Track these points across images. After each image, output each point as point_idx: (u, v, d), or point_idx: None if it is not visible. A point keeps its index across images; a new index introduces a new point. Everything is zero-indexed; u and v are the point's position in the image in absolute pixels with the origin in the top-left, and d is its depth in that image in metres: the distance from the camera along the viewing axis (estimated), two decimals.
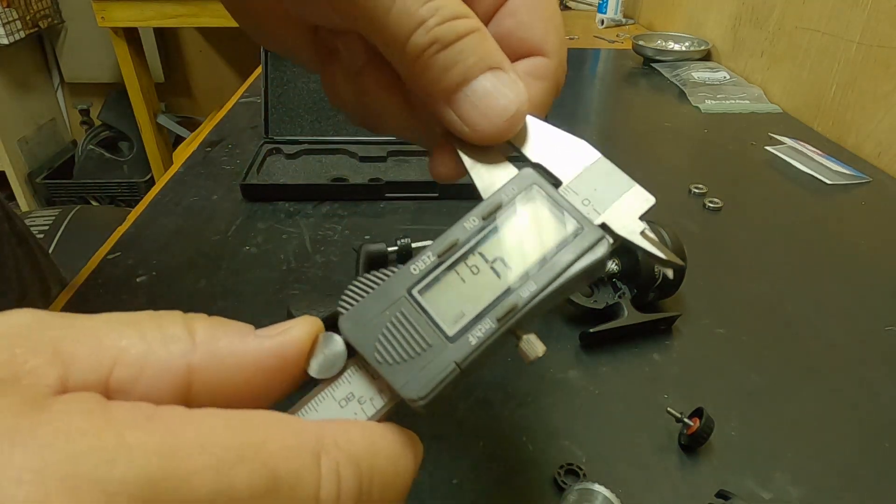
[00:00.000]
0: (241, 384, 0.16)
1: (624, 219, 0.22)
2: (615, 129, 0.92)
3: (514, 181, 0.21)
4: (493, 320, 0.19)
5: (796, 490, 0.35)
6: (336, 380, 0.19)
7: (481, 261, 0.20)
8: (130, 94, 2.04)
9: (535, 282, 0.19)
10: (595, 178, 0.22)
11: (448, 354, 0.18)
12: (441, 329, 0.19)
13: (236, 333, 0.17)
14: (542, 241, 0.20)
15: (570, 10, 1.78)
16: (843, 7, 0.85)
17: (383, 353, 0.18)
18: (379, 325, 0.19)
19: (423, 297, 0.19)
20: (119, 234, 0.60)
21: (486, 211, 0.20)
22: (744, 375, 0.44)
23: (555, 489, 0.35)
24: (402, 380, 0.18)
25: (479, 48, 0.21)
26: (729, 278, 0.54)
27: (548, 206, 0.20)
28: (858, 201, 0.69)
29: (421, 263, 0.19)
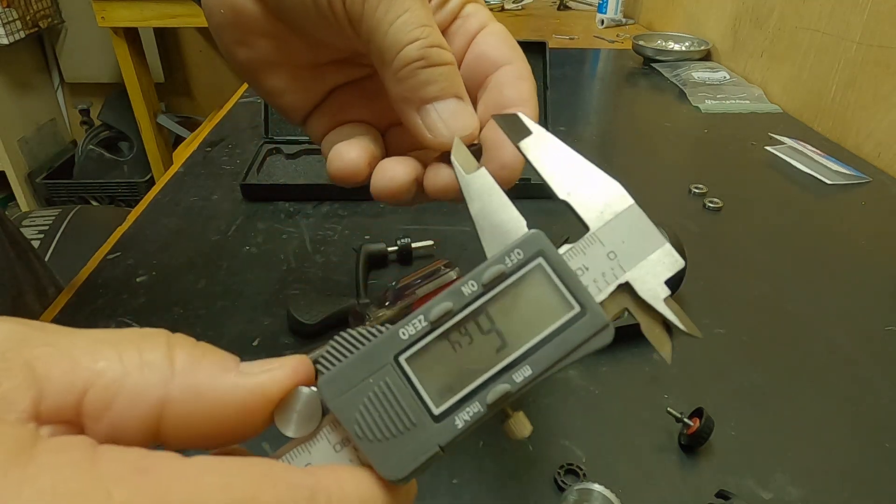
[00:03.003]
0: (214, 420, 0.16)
1: (649, 282, 0.21)
2: (615, 129, 0.92)
3: (520, 245, 0.19)
4: (482, 404, 0.18)
5: (796, 490, 0.35)
6: (300, 443, 0.18)
7: (476, 331, 0.19)
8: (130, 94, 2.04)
9: (530, 366, 0.19)
10: (624, 229, 0.21)
11: (432, 436, 0.18)
12: (427, 406, 0.18)
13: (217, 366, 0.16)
14: (543, 320, 0.19)
15: (570, 10, 1.78)
16: (843, 7, 0.85)
17: (364, 428, 0.17)
18: (361, 394, 0.18)
19: (410, 366, 0.18)
20: (119, 234, 0.60)
21: (486, 278, 0.19)
22: (744, 375, 0.44)
23: (555, 489, 0.35)
24: (381, 458, 0.17)
25: (452, 77, 0.25)
26: (729, 278, 0.54)
27: (553, 282, 0.19)
28: (858, 201, 0.69)
29: (411, 328, 0.18)
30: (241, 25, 0.28)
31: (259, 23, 0.28)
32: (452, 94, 0.25)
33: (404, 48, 0.24)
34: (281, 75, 0.30)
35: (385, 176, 0.27)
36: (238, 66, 0.30)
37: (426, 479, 0.35)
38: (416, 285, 0.45)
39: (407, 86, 0.25)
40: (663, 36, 1.29)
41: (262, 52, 0.29)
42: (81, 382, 0.14)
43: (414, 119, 0.25)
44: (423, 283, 0.45)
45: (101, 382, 0.15)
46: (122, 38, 1.90)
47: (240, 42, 0.29)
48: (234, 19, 0.28)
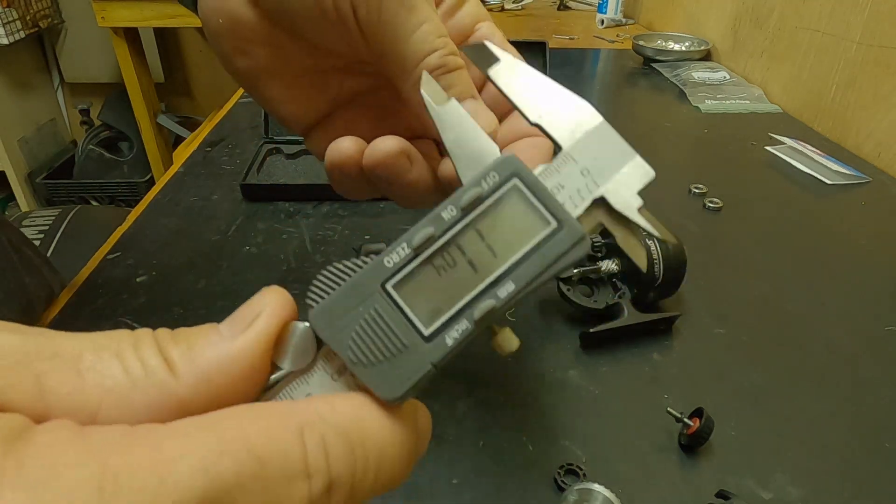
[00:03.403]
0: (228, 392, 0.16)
1: (623, 193, 0.21)
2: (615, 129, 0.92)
3: (495, 168, 0.20)
4: (470, 321, 0.19)
5: (796, 490, 0.35)
6: (299, 376, 0.18)
7: (459, 254, 0.19)
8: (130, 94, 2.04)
9: (513, 281, 0.19)
10: (595, 145, 0.22)
11: (424, 355, 0.18)
12: (417, 328, 0.18)
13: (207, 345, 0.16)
14: (522, 237, 0.19)
15: (570, 10, 1.78)
16: (843, 7, 0.85)
17: (357, 354, 0.18)
18: (352, 322, 0.18)
19: (398, 292, 0.19)
20: (119, 234, 0.60)
21: (464, 202, 0.19)
22: (744, 375, 0.44)
23: (555, 489, 0.35)
24: (377, 380, 0.18)
25: (467, 80, 0.26)
26: (729, 278, 0.54)
27: (529, 201, 0.20)
28: (858, 201, 0.69)
29: (395, 256, 0.19)
30: (238, 33, 0.28)
31: (257, 30, 0.28)
32: (470, 96, 0.26)
33: (426, 57, 0.25)
34: (280, 84, 0.30)
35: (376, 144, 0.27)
36: (237, 75, 0.30)
37: (426, 479, 0.35)
38: None
39: None
40: (663, 36, 1.29)
41: (260, 60, 0.29)
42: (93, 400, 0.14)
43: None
44: None
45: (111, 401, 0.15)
46: (122, 38, 1.90)
47: (238, 50, 0.29)
48: (232, 27, 0.28)
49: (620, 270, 0.47)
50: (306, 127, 0.32)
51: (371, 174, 0.27)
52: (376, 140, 0.27)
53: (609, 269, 0.47)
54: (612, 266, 0.47)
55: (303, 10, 0.26)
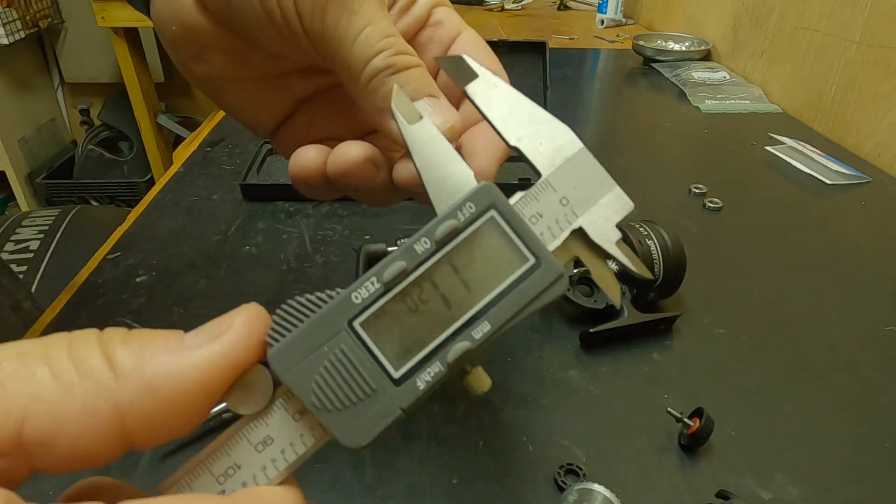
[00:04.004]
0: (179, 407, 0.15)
1: (602, 226, 0.21)
2: (615, 129, 0.92)
3: (471, 198, 0.19)
4: (442, 364, 0.18)
5: (796, 490, 0.35)
6: (257, 418, 0.17)
7: (431, 290, 0.18)
8: (130, 94, 2.04)
9: (489, 321, 0.18)
10: (575, 173, 0.21)
11: (393, 400, 0.17)
12: (386, 370, 0.17)
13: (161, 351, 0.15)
14: (499, 273, 0.19)
15: (570, 10, 1.78)
16: (843, 7, 0.85)
17: (322, 399, 0.17)
18: (316, 364, 0.17)
19: (366, 330, 0.17)
20: (119, 234, 0.60)
21: (439, 234, 0.18)
22: (744, 375, 0.44)
23: (555, 489, 0.35)
24: (342, 427, 0.17)
25: (421, 78, 0.25)
26: (729, 278, 0.54)
27: (506, 235, 0.19)
28: (858, 201, 0.69)
29: (363, 290, 0.18)
30: (193, 40, 0.27)
31: (212, 37, 0.27)
32: (426, 93, 0.25)
33: (370, 61, 0.24)
34: (242, 89, 0.29)
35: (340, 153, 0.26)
36: (197, 83, 0.29)
37: (426, 479, 0.35)
38: None
39: (378, 96, 0.25)
40: (663, 36, 1.29)
41: (218, 66, 0.28)
42: (17, 411, 0.13)
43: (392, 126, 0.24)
44: None
45: (39, 408, 0.13)
46: (122, 38, 1.90)
47: (194, 57, 0.28)
48: (186, 34, 0.27)
49: (620, 271, 0.47)
50: (271, 129, 0.31)
51: (336, 182, 0.27)
52: (340, 147, 0.26)
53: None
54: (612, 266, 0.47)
55: (252, 19, 0.25)
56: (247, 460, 0.17)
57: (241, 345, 0.16)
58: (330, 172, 0.26)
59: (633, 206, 0.21)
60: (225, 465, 0.17)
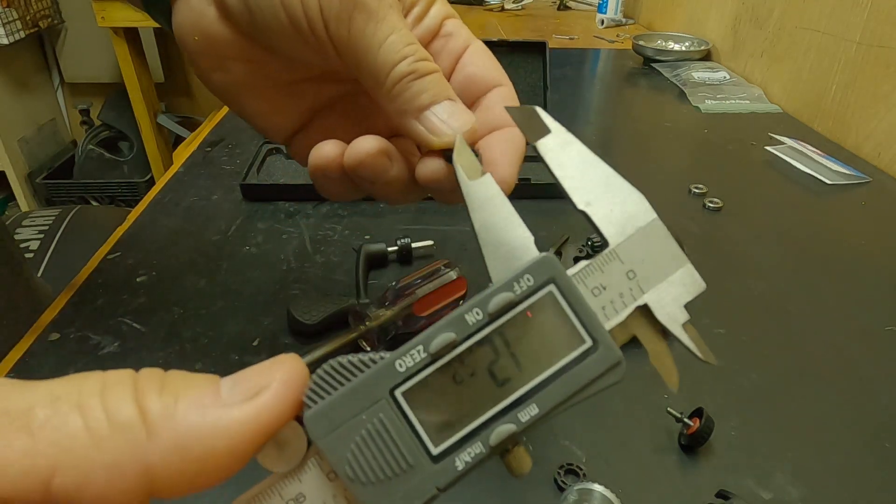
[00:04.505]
0: (206, 465, 0.14)
1: (669, 305, 0.19)
2: (615, 129, 0.92)
3: (530, 270, 0.18)
4: (484, 445, 0.17)
5: (796, 490, 0.35)
6: (290, 474, 0.16)
7: (480, 364, 0.17)
8: (130, 94, 2.04)
9: (537, 404, 0.17)
10: (645, 246, 0.19)
11: (430, 478, 0.16)
12: (425, 446, 0.16)
13: (196, 405, 0.14)
14: (552, 353, 0.18)
15: (570, 10, 1.78)
16: (843, 7, 0.85)
17: (356, 469, 0.16)
18: (353, 431, 0.16)
19: (408, 401, 0.17)
20: (119, 234, 0.60)
21: (493, 307, 0.17)
22: (744, 375, 0.44)
23: (555, 489, 0.35)
24: (374, 500, 0.16)
25: (441, 83, 0.26)
26: (729, 278, 0.54)
27: (564, 312, 0.18)
28: (858, 201, 0.69)
29: (409, 359, 0.17)
30: (214, 50, 0.28)
31: (233, 47, 0.28)
32: (445, 97, 0.26)
33: (395, 67, 0.25)
34: (258, 97, 0.30)
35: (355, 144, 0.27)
36: (215, 90, 0.30)
37: None
38: (417, 285, 0.45)
39: (402, 99, 0.26)
40: (663, 36, 1.29)
41: (238, 75, 0.29)
42: (46, 463, 0.13)
43: (415, 127, 0.26)
44: (424, 283, 0.45)
45: (68, 461, 0.13)
46: (122, 38, 1.90)
47: (215, 67, 0.29)
48: (208, 44, 0.28)
49: None
50: (287, 136, 0.32)
51: (353, 174, 0.27)
52: (356, 140, 0.27)
53: None
54: None
55: (276, 27, 0.26)
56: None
57: (278, 408, 0.15)
58: (346, 163, 0.27)
59: (706, 286, 0.20)
60: None
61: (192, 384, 0.15)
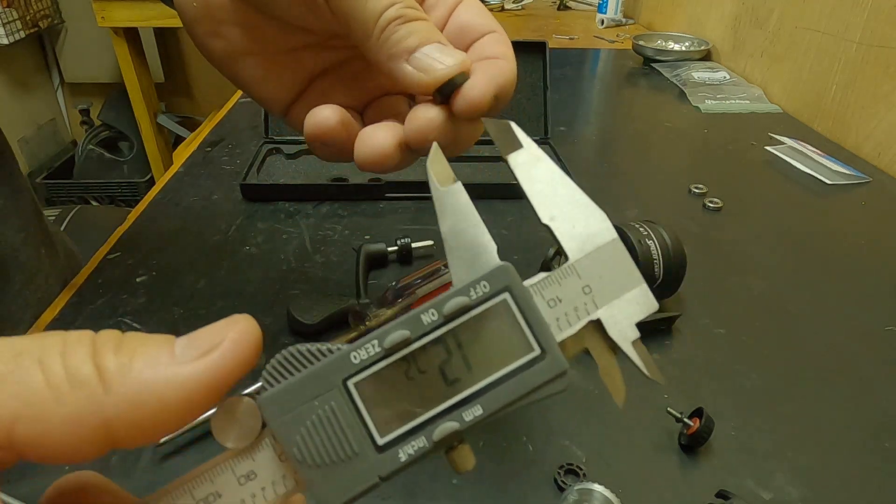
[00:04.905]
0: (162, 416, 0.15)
1: (620, 322, 0.20)
2: (615, 129, 0.92)
3: (487, 278, 0.19)
4: (428, 440, 0.18)
5: (796, 490, 0.35)
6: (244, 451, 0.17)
7: (431, 363, 0.18)
8: (130, 94, 2.04)
9: (482, 406, 0.18)
10: (603, 263, 0.20)
11: (373, 467, 0.17)
12: (371, 435, 0.17)
13: (151, 362, 0.15)
14: (501, 358, 0.18)
15: (570, 10, 1.78)
16: (843, 7, 0.85)
17: (304, 452, 0.17)
18: (305, 416, 0.17)
19: (359, 391, 0.17)
20: (119, 234, 0.60)
21: (448, 309, 0.18)
22: (744, 375, 0.44)
23: (555, 489, 0.35)
24: (317, 483, 0.17)
25: (430, 28, 0.27)
26: (729, 278, 0.54)
27: (516, 322, 0.19)
28: (858, 201, 0.69)
29: (363, 352, 0.17)
30: (212, 17, 0.29)
31: (230, 12, 0.29)
32: (435, 40, 0.26)
33: (385, 12, 0.26)
34: (257, 64, 0.31)
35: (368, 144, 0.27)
36: (214, 59, 0.30)
37: (426, 478, 0.35)
38: (416, 285, 0.45)
39: (390, 43, 0.26)
40: (663, 36, 1.29)
41: (235, 41, 0.30)
42: (7, 415, 0.14)
43: (405, 69, 0.26)
44: (423, 282, 0.45)
45: (29, 413, 0.14)
46: (122, 38, 1.90)
47: (213, 34, 0.30)
48: (206, 11, 0.29)
49: None
50: (284, 105, 0.32)
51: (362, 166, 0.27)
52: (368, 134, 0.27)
53: None
54: None
55: None
56: (228, 490, 0.17)
57: (229, 365, 0.16)
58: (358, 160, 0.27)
59: (658, 306, 0.21)
60: (207, 490, 0.17)
61: (147, 344, 0.16)
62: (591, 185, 0.68)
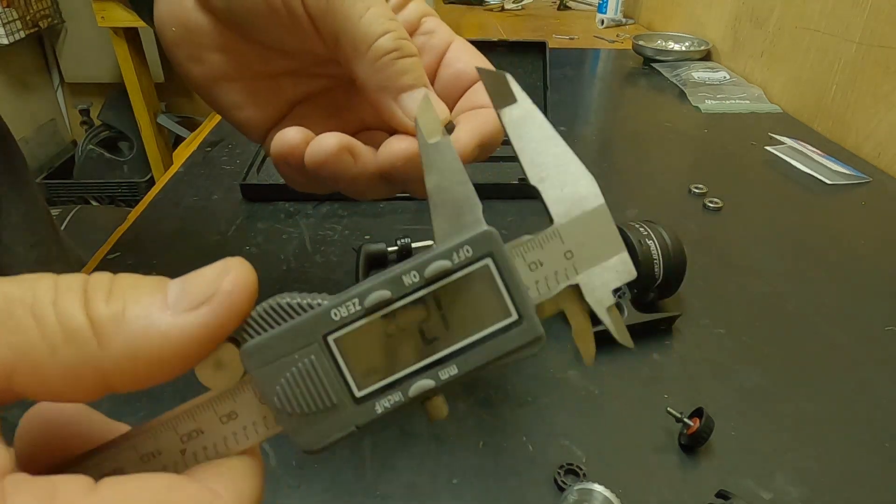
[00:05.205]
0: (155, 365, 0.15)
1: (598, 289, 0.20)
2: (615, 129, 0.92)
3: (471, 242, 0.18)
4: (404, 395, 0.18)
5: (796, 490, 0.35)
6: (225, 394, 0.18)
7: (409, 323, 0.18)
8: (130, 94, 2.04)
9: (457, 366, 0.19)
10: (587, 229, 0.20)
11: (350, 416, 0.18)
12: (349, 388, 0.18)
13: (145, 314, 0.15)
14: (479, 322, 0.19)
15: (570, 10, 1.78)
16: (843, 7, 0.85)
17: (283, 402, 0.17)
18: (285, 368, 0.17)
19: (338, 347, 0.18)
20: (119, 234, 0.60)
21: (429, 272, 0.18)
22: (744, 375, 0.44)
23: (555, 489, 0.35)
24: (297, 429, 0.18)
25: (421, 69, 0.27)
26: (729, 278, 0.54)
27: (496, 287, 0.19)
28: (858, 201, 0.69)
29: (344, 309, 0.18)
30: (192, 41, 0.29)
31: (211, 36, 0.28)
32: (423, 84, 0.26)
33: (379, 38, 0.25)
34: (236, 89, 0.30)
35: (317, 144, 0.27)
36: (193, 83, 0.30)
37: (426, 478, 0.35)
38: None
39: (385, 75, 0.26)
40: (663, 36, 1.29)
41: (215, 66, 0.29)
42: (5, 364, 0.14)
43: (392, 107, 0.27)
44: None
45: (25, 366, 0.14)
46: (122, 38, 1.90)
47: (193, 58, 0.29)
48: (186, 35, 0.28)
49: None
50: (263, 132, 0.32)
51: (314, 174, 0.27)
52: (317, 138, 0.27)
53: None
54: None
55: (252, 7, 0.26)
56: (210, 428, 0.18)
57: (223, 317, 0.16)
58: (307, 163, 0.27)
59: (636, 274, 0.21)
60: (190, 426, 0.18)
61: (140, 289, 0.16)
62: None
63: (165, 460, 0.18)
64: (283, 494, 0.34)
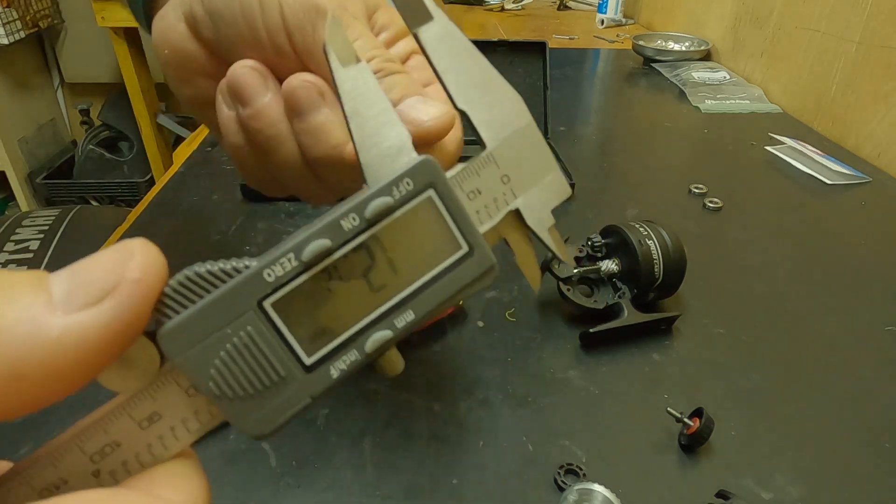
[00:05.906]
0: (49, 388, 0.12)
1: (537, 210, 0.20)
2: (615, 129, 0.92)
3: (410, 174, 0.17)
4: (360, 352, 0.16)
5: (796, 490, 0.35)
6: (139, 394, 0.15)
7: (355, 272, 0.16)
8: (130, 94, 2.04)
9: (413, 310, 0.17)
10: (519, 149, 0.19)
11: (303, 388, 0.16)
12: (297, 356, 0.16)
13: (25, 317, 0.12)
14: (429, 260, 0.17)
15: (570, 10, 1.78)
16: (843, 7, 0.85)
17: (222, 386, 0.15)
18: (217, 346, 0.15)
19: (277, 312, 0.15)
20: (119, 234, 0.60)
21: (370, 212, 0.16)
22: (744, 375, 0.44)
23: (555, 489, 0.35)
24: (243, 415, 0.15)
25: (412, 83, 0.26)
26: (729, 278, 0.54)
27: (442, 219, 0.17)
28: (858, 201, 0.69)
29: (279, 268, 0.15)
30: (183, 65, 0.29)
31: (201, 63, 0.29)
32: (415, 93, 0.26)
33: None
34: None
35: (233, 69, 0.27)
36: (184, 102, 0.31)
37: (426, 478, 0.35)
38: None
39: None
40: (663, 36, 1.29)
41: (204, 91, 0.30)
42: None
43: None
44: None
45: None
46: (122, 38, 1.90)
47: (183, 80, 0.30)
48: (177, 59, 0.29)
49: (620, 270, 0.47)
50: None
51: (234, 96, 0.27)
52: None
53: (609, 270, 0.47)
54: (612, 266, 0.47)
55: (239, 40, 0.27)
56: (128, 438, 0.15)
57: (130, 314, 0.12)
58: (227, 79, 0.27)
59: (571, 192, 0.21)
60: (101, 442, 0.15)
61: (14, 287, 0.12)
62: (591, 185, 0.68)
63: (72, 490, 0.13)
64: (283, 494, 0.34)
